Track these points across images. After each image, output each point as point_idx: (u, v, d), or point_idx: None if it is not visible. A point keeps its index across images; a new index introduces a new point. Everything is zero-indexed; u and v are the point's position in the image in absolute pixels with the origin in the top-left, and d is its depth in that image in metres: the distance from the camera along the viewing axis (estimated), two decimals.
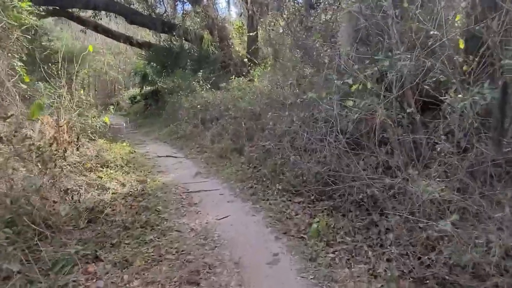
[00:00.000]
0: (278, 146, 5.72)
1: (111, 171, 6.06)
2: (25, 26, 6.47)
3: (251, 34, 13.27)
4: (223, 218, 4.48)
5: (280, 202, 4.71)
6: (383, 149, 4.03)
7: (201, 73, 11.69)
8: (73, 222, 4.01)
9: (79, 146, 6.39)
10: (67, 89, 7.70)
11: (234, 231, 4.08)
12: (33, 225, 3.40)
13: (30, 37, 7.41)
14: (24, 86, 6.94)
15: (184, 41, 16.51)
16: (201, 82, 11.25)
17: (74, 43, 15.62)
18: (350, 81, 3.71)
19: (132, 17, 15.35)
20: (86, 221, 4.08)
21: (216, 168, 6.80)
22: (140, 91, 17.90)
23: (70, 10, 15.61)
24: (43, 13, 15.87)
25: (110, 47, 22.41)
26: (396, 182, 3.48)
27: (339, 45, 4.87)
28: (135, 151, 8.29)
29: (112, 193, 5.19)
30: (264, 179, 5.51)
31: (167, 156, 8.09)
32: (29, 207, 3.60)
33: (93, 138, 7.74)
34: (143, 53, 16.32)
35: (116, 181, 5.70)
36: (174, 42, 16.16)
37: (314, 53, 6.73)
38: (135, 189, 5.44)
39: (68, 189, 4.38)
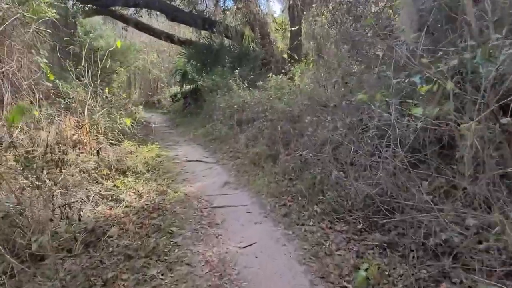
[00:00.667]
0: (318, 157, 4.77)
1: (130, 179, 5.42)
2: (42, 19, 5.97)
3: (293, 28, 12.30)
4: (247, 246, 3.63)
5: (318, 229, 3.77)
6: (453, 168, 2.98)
7: (238, 71, 10.88)
8: (68, 246, 3.36)
9: (100, 149, 5.83)
10: (92, 87, 7.25)
11: (258, 266, 3.22)
12: (8, 256, 2.75)
13: (51, 32, 6.93)
14: (49, 84, 6.53)
15: (224, 38, 15.86)
16: (238, 80, 10.47)
17: (116, 41, 15.46)
18: (417, 79, 2.68)
19: (173, 14, 14.94)
20: (83, 245, 3.41)
21: (247, 177, 5.97)
22: (180, 90, 17.53)
23: (113, 9, 15.51)
24: (88, 11, 16.02)
25: (154, 46, 22.40)
26: (484, 221, 2.44)
27: (398, 34, 3.84)
28: (163, 155, 7.67)
29: (125, 206, 4.53)
30: (300, 197, 4.58)
31: (197, 160, 7.39)
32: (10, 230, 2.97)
33: (119, 140, 7.24)
34: (184, 51, 15.87)
35: (134, 191, 5.04)
36: (214, 39, 15.55)
37: (364, 46, 5.68)
38: (152, 202, 4.74)
39: (66, 204, 3.73)
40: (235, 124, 9.21)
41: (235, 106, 9.83)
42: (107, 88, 7.66)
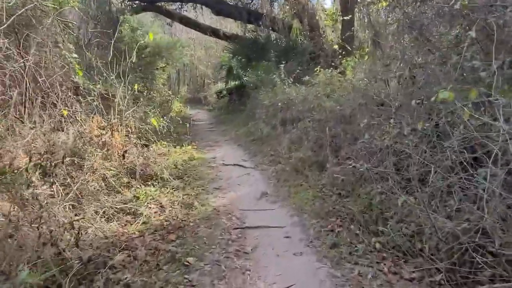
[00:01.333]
0: (376, 171, 3.74)
1: (155, 188, 4.73)
2: (60, 10, 5.44)
3: (345, 18, 11.09)
4: None
5: (376, 273, 2.78)
6: None
7: (283, 65, 9.93)
8: (58, 281, 2.68)
9: (125, 152, 5.22)
10: (126, 85, 6.73)
11: None
12: None
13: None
14: (78, 81, 6.07)
15: (271, 31, 14.98)
16: (283, 75, 9.53)
17: (163, 37, 15.18)
18: None
19: (218, 7, 14.32)
20: (76, 279, 2.72)
21: (288, 188, 5.05)
22: (226, 86, 16.94)
23: (159, 4, 15.24)
24: (136, 8, 15.89)
25: (201, 42, 22.09)
26: None
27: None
28: (199, 157, 6.97)
29: (142, 223, 3.83)
30: (352, 222, 3.59)
31: (234, 165, 6.60)
32: None
33: (152, 140, 6.65)
34: (229, 45, 15.22)
35: (156, 203, 4.34)
36: (260, 33, 14.72)
37: (436, 29, 4.51)
38: (174, 218, 4.01)
39: (63, 225, 3.06)
40: (279, 123, 8.31)
41: (279, 103, 8.93)
42: (135, 85, 7.04)
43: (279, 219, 4.09)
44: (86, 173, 4.24)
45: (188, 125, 7.81)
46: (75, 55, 5.98)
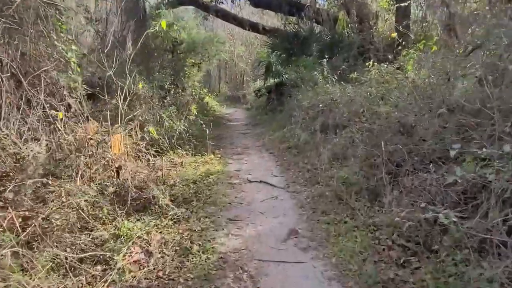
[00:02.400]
0: (464, 219, 2.25)
1: (143, 224, 3.51)
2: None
3: (402, 4, 9.32)
4: None
5: None
6: None
7: (326, 61, 8.39)
8: None
9: (120, 168, 4.09)
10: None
11: None
12: None
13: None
14: (78, 79, 5.05)
15: (314, 23, 13.43)
16: (326, 72, 8.03)
17: (199, 33, 14.17)
18: None
19: None
20: None
21: (327, 225, 3.63)
22: (264, 84, 15.60)
23: None
24: (173, 2, 14.98)
25: (241, 38, 20.94)
26: None
27: None
28: (220, 170, 5.72)
29: (110, 282, 2.64)
30: None
31: (261, 182, 5.27)
32: None
33: (164, 149, 5.52)
34: (267, 40, 13.86)
35: (141, 245, 3.14)
36: (302, 26, 13.21)
37: None
38: (160, 274, 2.78)
39: None
40: (318, 129, 6.87)
41: (320, 105, 7.49)
42: (140, 83, 5.95)
43: (311, 283, 2.72)
44: (53, 201, 3.13)
45: (207, 131, 6.55)
46: (74, 47, 4.98)
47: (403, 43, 7.08)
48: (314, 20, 13.29)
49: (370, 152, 4.43)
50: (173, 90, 9.00)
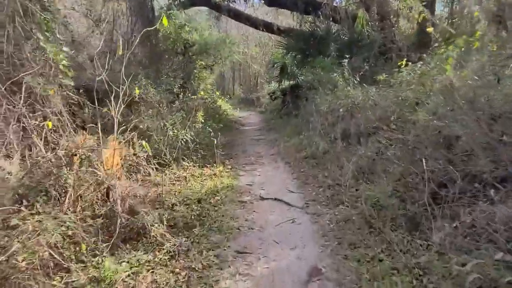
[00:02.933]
0: None
1: (127, 266, 2.86)
2: None
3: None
4: None
5: None
6: None
7: (346, 61, 7.63)
8: None
9: (109, 189, 3.47)
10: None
11: None
12: None
13: None
14: (70, 83, 4.49)
15: (331, 22, 12.66)
16: (346, 73, 7.28)
17: (212, 34, 13.58)
18: None
19: None
20: None
21: (357, 263, 2.91)
22: (279, 86, 14.89)
23: None
24: (185, 3, 14.44)
25: (256, 39, 20.24)
26: None
27: None
28: (229, 184, 5.06)
29: None
30: None
31: (275, 199, 4.59)
32: None
33: (168, 161, 4.90)
34: (282, 40, 13.14)
35: None
36: (319, 25, 12.45)
37: None
38: None
39: None
40: (339, 137, 6.15)
41: (340, 109, 6.76)
42: (137, 89, 5.35)
43: None
44: (17, 237, 2.53)
45: (215, 141, 5.90)
46: (66, 49, 4.41)
47: (439, 40, 6.26)
48: (331, 19, 12.53)
49: (406, 168, 3.70)
50: (182, 94, 8.39)
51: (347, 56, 10.02)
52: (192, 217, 3.78)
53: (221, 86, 23.84)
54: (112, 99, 4.04)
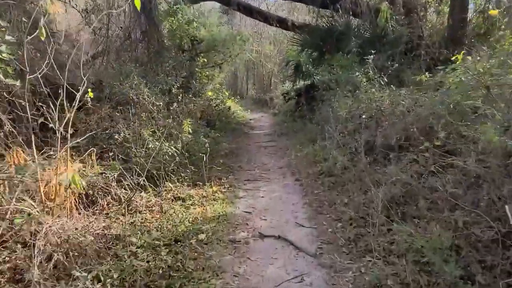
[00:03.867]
0: None
1: None
2: None
3: None
4: None
5: None
6: None
7: (371, 59, 6.31)
8: None
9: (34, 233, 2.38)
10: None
11: None
12: None
13: None
14: (15, 83, 3.44)
15: (351, 17, 11.36)
16: (370, 73, 6.01)
17: (220, 29, 12.47)
18: None
19: None
20: None
21: None
22: (293, 86, 13.67)
23: None
24: None
25: (270, 36, 19.02)
26: None
27: None
28: (218, 215, 3.90)
29: None
30: None
31: (279, 237, 3.42)
32: None
33: (136, 186, 3.83)
34: (296, 36, 11.89)
35: None
36: (338, 19, 11.16)
37: None
38: None
39: None
40: (362, 151, 4.93)
41: (363, 116, 5.55)
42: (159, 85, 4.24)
43: None
44: None
45: (204, 158, 4.75)
46: (9, 37, 3.36)
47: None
48: (352, 13, 11.24)
49: (468, 212, 2.48)
50: (181, 95, 7.31)
51: (373, 52, 8.72)
52: (159, 272, 2.66)
53: (233, 86, 22.75)
54: (66, 103, 2.95)
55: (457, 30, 9.03)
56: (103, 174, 3.69)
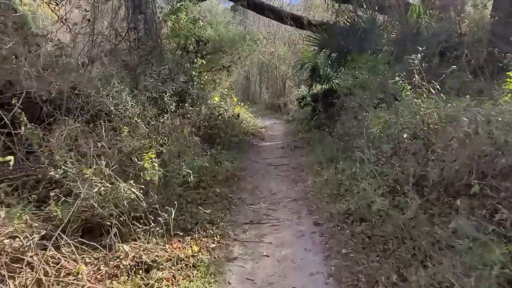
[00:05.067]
0: None
1: None
2: None
3: None
4: None
5: None
6: None
7: (417, 58, 4.65)
8: None
9: None
10: None
11: None
12: None
13: None
14: None
15: (376, 12, 9.81)
16: (416, 77, 4.41)
17: (228, 29, 11.09)
18: None
19: None
20: None
21: None
22: (309, 91, 12.16)
23: None
24: None
25: (284, 37, 17.55)
26: None
27: None
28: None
29: None
30: None
31: None
32: None
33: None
34: (313, 35, 10.38)
35: None
36: (361, 14, 9.60)
37: None
38: None
39: None
40: (411, 189, 3.42)
41: (405, 134, 4.07)
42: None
43: None
44: None
45: (172, 211, 3.29)
46: None
47: None
48: (377, 9, 9.69)
49: None
50: (174, 104, 5.95)
51: (420, 48, 7.14)
52: None
53: (246, 90, 21.38)
54: None
55: (506, 25, 7.43)
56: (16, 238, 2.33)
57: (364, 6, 9.56)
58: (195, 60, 7.54)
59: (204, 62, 8.07)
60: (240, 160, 6.86)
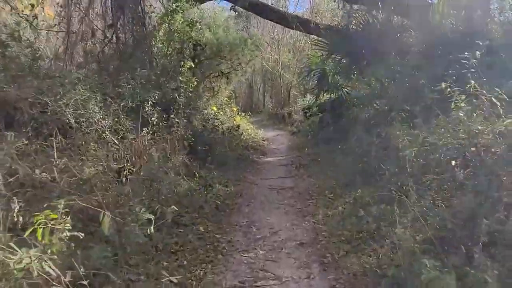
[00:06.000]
0: None
1: None
2: None
3: None
4: None
5: None
6: None
7: (477, 58, 3.45)
8: None
9: None
10: None
11: None
12: None
13: None
14: None
15: (392, 14, 8.68)
16: (473, 83, 3.25)
17: (227, 32, 10.01)
18: None
19: None
20: None
21: None
22: (316, 100, 11.02)
23: None
24: None
25: (288, 43, 16.49)
26: None
27: None
28: None
29: None
30: None
31: None
32: None
33: None
34: (321, 38, 9.27)
35: None
36: (376, 14, 8.48)
37: None
38: None
39: None
40: (479, 252, 2.23)
41: (453, 162, 2.89)
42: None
43: None
44: None
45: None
46: None
47: None
48: (393, 9, 8.57)
49: None
50: (155, 116, 4.84)
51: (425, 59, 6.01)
52: None
53: (249, 99, 20.31)
54: None
55: None
56: None
57: (380, 5, 8.45)
58: (182, 63, 6.42)
59: (193, 65, 6.92)
60: (236, 181, 5.71)
